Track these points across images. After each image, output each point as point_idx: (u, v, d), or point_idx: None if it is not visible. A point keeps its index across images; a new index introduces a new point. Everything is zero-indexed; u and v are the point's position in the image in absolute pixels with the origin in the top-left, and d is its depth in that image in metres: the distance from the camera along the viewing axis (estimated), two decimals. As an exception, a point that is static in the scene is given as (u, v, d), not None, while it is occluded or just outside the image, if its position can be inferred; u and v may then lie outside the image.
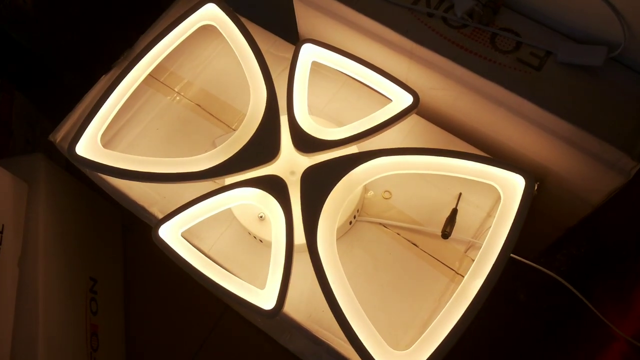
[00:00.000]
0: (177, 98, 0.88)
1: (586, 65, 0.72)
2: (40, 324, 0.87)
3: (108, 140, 0.85)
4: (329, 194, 0.69)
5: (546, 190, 0.85)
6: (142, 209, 0.82)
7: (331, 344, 0.71)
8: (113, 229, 1.28)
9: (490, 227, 0.76)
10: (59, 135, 0.87)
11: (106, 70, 0.91)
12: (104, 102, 0.78)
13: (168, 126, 0.86)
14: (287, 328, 1.05)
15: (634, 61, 0.71)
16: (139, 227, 1.31)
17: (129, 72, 0.80)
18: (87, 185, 1.16)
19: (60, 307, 0.93)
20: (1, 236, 0.84)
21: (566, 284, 0.77)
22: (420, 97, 0.74)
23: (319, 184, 0.70)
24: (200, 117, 0.86)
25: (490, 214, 0.77)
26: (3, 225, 0.85)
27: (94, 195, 1.18)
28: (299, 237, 0.69)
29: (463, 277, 0.73)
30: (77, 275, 1.03)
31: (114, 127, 0.85)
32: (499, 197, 0.77)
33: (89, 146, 0.76)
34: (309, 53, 0.78)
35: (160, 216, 0.80)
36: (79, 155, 0.75)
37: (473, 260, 0.74)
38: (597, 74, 0.72)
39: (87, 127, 0.77)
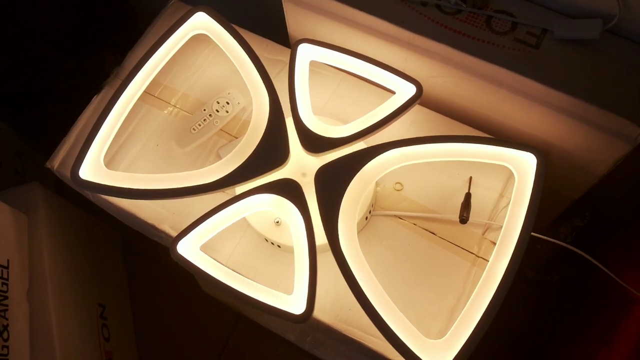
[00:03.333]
0: (174, 111, 0.86)
1: (583, 39, 0.73)
2: (57, 356, 0.84)
3: (108, 161, 0.82)
4: (344, 191, 0.69)
5: (551, 165, 0.85)
6: (152, 227, 0.80)
7: (363, 341, 0.71)
8: (114, 251, 1.25)
9: (504, 207, 0.77)
10: (56, 162, 0.84)
11: (97, 90, 0.89)
12: (102, 123, 0.76)
13: (168, 141, 0.84)
14: (310, 332, 1.04)
15: (629, 31, 0.72)
16: (140, 247, 1.30)
17: (124, 89, 0.78)
18: (84, 209, 1.13)
19: (74, 338, 0.91)
20: (7, 271, 0.81)
21: (580, 252, 0.77)
22: (421, 86, 0.74)
23: (333, 182, 0.70)
24: (200, 128, 0.85)
25: (502, 195, 0.78)
26: (8, 260, 0.82)
27: (92, 219, 1.16)
28: (319, 238, 0.69)
29: (484, 259, 0.74)
30: (87, 302, 1.01)
31: (112, 148, 0.83)
32: (510, 177, 0.78)
33: (92, 169, 0.74)
34: (306, 53, 0.78)
35: (172, 233, 0.79)
36: (84, 179, 0.73)
37: (492, 242, 0.75)
38: (594, 47, 0.73)
39: (87, 149, 0.75)
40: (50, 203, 0.97)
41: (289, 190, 0.70)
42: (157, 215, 0.80)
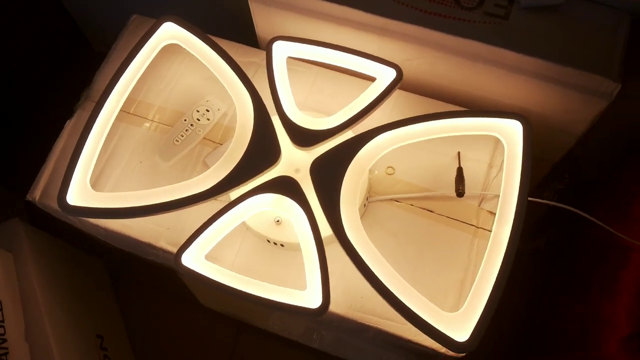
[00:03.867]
0: (153, 125, 0.84)
1: (549, 4, 0.75)
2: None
3: (91, 185, 0.80)
4: (342, 180, 0.69)
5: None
6: (148, 246, 0.78)
7: (380, 326, 0.71)
8: (102, 280, 1.22)
9: (494, 176, 0.78)
10: (37, 193, 0.81)
11: (69, 114, 0.86)
12: (83, 146, 0.74)
13: (151, 156, 0.82)
14: (315, 329, 1.04)
15: (592, -8, 0.75)
16: (127, 272, 1.26)
17: (100, 109, 0.76)
18: (66, 241, 1.10)
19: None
20: (2, 313, 0.78)
21: (568, 207, 0.79)
22: (400, 69, 0.75)
23: (330, 173, 0.70)
24: (183, 139, 0.83)
25: (491, 165, 0.79)
26: (1, 302, 0.78)
27: (75, 250, 1.12)
28: (322, 230, 0.68)
29: (484, 229, 0.75)
30: (85, 335, 0.97)
31: (95, 171, 0.80)
32: (496, 147, 0.80)
33: (79, 194, 0.71)
34: (281, 50, 0.78)
35: (170, 248, 0.77)
36: (73, 205, 0.70)
37: (489, 212, 0.76)
38: (561, 11, 0.75)
39: (72, 174, 0.72)
40: (33, 238, 0.93)
41: (287, 187, 0.70)
42: (152, 232, 0.78)
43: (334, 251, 0.67)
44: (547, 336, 0.95)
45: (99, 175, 0.81)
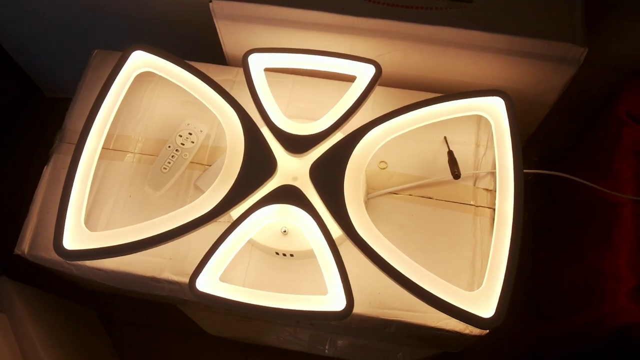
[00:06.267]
0: (136, 157, 0.82)
1: (508, -17, 0.78)
2: None
3: (82, 228, 0.77)
4: (343, 180, 0.69)
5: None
6: (152, 279, 0.76)
7: (402, 319, 0.71)
8: (95, 327, 1.16)
9: (483, 154, 0.80)
10: (25, 246, 0.78)
11: (43, 160, 0.83)
12: (71, 189, 0.71)
13: (139, 189, 0.80)
14: (327, 336, 1.03)
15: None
16: (117, 315, 1.22)
17: (82, 149, 0.73)
18: (54, 293, 1.05)
19: None
20: (6, 376, 0.73)
21: (561, 174, 0.82)
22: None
23: (330, 176, 0.70)
24: (169, 167, 0.82)
25: (477, 144, 0.81)
26: (3, 364, 0.74)
27: (66, 302, 1.07)
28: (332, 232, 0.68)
29: (484, 207, 0.77)
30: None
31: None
32: (479, 126, 0.82)
33: (75, 237, 0.68)
34: (258, 61, 0.77)
35: (175, 278, 0.75)
36: (71, 250, 0.67)
37: (485, 189, 0.78)
38: (521, -14, 0.78)
39: (64, 219, 0.69)
40: (24, 295, 0.88)
41: (290, 195, 0.69)
42: (154, 265, 0.76)
43: (343, 252, 0.67)
44: (553, 301, 0.97)
45: (88, 216, 0.78)
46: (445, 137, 0.81)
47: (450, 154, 0.79)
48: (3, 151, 1.42)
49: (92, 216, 0.78)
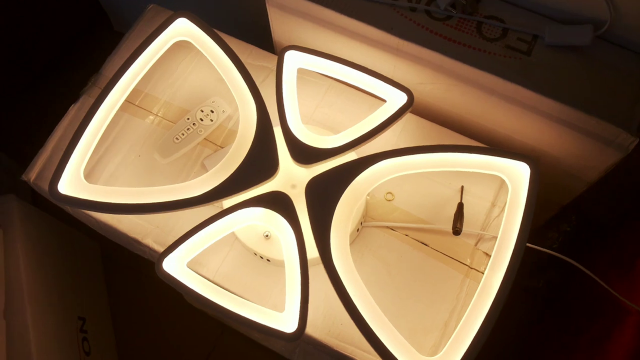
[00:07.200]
0: (157, 120, 0.83)
1: (574, 45, 0.72)
2: (36, 376, 0.81)
3: (87, 173, 0.79)
4: (337, 203, 0.67)
5: (541, 172, 0.85)
6: (135, 241, 0.77)
7: (355, 357, 0.69)
8: (93, 261, 1.21)
9: (496, 216, 0.76)
10: (33, 174, 0.81)
11: (74, 98, 0.85)
12: (82, 134, 0.73)
13: (150, 151, 0.81)
14: (298, 343, 1.02)
15: (620, 37, 0.72)
16: (120, 258, 1.25)
17: (104, 98, 0.75)
18: (61, 220, 1.09)
19: (54, 354, 0.87)
20: (-18, 289, 0.78)
21: (572, 261, 0.77)
22: (411, 94, 0.72)
23: (325, 195, 0.68)
24: (184, 137, 0.82)
25: (494, 204, 0.77)
26: (-17, 277, 0.78)
27: (69, 229, 1.12)
28: (310, 251, 0.67)
29: (477, 271, 0.73)
30: (66, 316, 0.97)
31: (92, 159, 0.80)
32: (501, 186, 0.77)
33: (71, 183, 0.70)
34: (293, 60, 0.76)
35: (156, 247, 0.76)
36: (63, 194, 0.69)
37: (484, 253, 0.74)
38: (585, 53, 0.72)
39: (66, 163, 0.71)
40: (26, 215, 0.93)
41: (279, 203, 0.68)
42: (140, 229, 0.77)
43: (322, 272, 0.65)
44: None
45: (95, 164, 0.80)
46: (462, 187, 0.77)
47: (460, 206, 0.75)
48: (61, 75, 1.48)
49: (100, 165, 0.80)
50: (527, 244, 0.75)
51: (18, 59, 1.38)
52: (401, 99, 0.72)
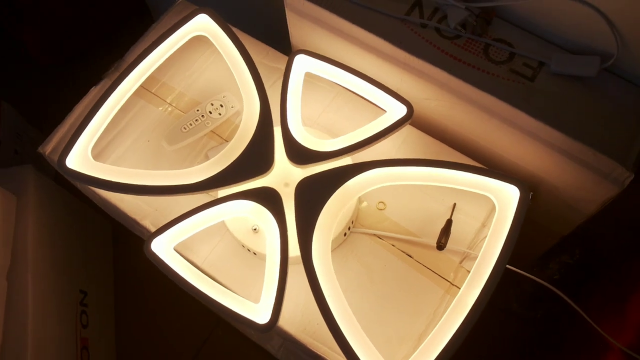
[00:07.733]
0: (169, 109, 0.87)
1: (579, 75, 0.72)
2: (29, 337, 0.85)
3: (98, 152, 0.84)
4: (323, 205, 0.69)
5: (540, 199, 0.85)
6: (134, 221, 0.81)
7: (327, 357, 0.70)
8: (103, 240, 1.26)
9: (485, 237, 0.76)
10: (49, 147, 0.85)
11: (96, 81, 0.90)
12: (95, 114, 0.77)
13: (159, 138, 0.85)
14: (283, 342, 1.04)
15: (626, 71, 0.71)
16: (130, 238, 1.29)
17: (120, 83, 0.79)
18: (77, 196, 1.14)
19: (50, 321, 0.92)
20: (-11, 250, 0.82)
21: (562, 294, 0.77)
22: (413, 107, 0.74)
23: (313, 195, 0.69)
24: (193, 128, 0.85)
25: (484, 224, 0.77)
26: (-8, 239, 0.83)
27: (83, 206, 1.17)
28: (294, 249, 0.68)
29: (458, 288, 0.73)
30: (67, 288, 1.01)
31: (104, 140, 0.84)
32: (494, 207, 0.77)
33: (79, 159, 0.74)
34: (302, 64, 0.78)
35: (153, 229, 0.79)
36: (69, 168, 0.73)
37: (468, 271, 0.74)
38: (590, 84, 0.72)
39: (77, 139, 0.75)
40: (42, 187, 0.98)
41: (268, 199, 0.70)
42: (140, 210, 0.80)
43: (301, 270, 0.67)
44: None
45: (107, 144, 0.84)
46: (454, 204, 0.78)
47: (448, 222, 0.75)
48: (97, 59, 1.55)
49: (111, 146, 0.84)
50: (525, 273, 0.76)
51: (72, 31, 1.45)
52: (401, 110, 0.74)
